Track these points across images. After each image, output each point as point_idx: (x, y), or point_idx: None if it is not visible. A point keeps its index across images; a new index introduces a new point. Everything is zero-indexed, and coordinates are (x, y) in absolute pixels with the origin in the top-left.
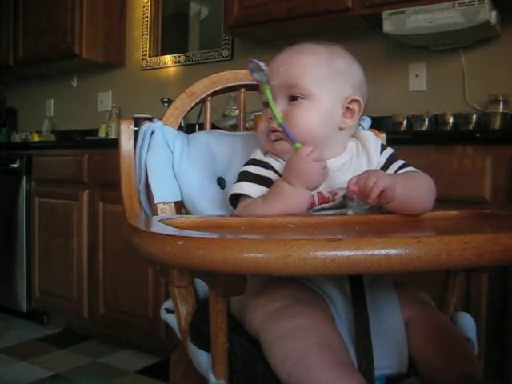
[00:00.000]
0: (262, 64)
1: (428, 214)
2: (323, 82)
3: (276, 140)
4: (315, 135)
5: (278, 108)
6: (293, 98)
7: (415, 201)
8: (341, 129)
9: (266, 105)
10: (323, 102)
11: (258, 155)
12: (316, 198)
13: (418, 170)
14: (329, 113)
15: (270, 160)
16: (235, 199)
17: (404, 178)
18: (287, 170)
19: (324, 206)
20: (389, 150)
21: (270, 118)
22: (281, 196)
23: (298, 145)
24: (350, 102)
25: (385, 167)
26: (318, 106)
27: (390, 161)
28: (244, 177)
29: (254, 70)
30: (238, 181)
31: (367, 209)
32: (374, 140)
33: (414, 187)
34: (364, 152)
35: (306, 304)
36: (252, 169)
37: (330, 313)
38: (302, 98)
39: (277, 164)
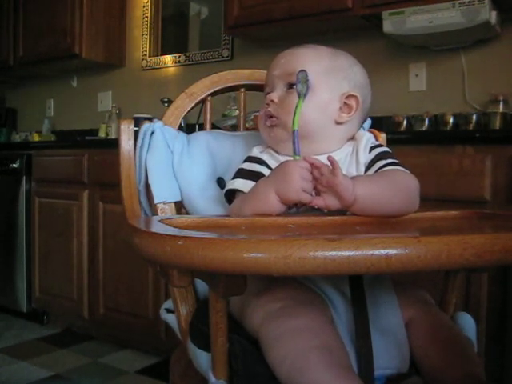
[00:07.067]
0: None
1: (428, 213)
2: (321, 74)
3: (271, 126)
4: (306, 121)
5: (276, 93)
6: (290, 86)
7: (381, 201)
8: (337, 123)
9: (268, 93)
10: (319, 91)
11: (254, 152)
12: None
13: (399, 168)
14: (324, 104)
15: (265, 157)
16: (232, 196)
17: (368, 179)
18: (273, 169)
19: None
20: (381, 149)
21: (268, 104)
22: (250, 193)
23: (297, 157)
24: (347, 98)
25: (371, 163)
26: (313, 94)
27: (378, 158)
28: (238, 173)
29: (301, 81)
30: (233, 178)
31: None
32: (366, 139)
33: (381, 187)
34: (355, 151)
35: (306, 305)
36: (246, 165)
37: (329, 314)
38: None
39: (272, 162)
